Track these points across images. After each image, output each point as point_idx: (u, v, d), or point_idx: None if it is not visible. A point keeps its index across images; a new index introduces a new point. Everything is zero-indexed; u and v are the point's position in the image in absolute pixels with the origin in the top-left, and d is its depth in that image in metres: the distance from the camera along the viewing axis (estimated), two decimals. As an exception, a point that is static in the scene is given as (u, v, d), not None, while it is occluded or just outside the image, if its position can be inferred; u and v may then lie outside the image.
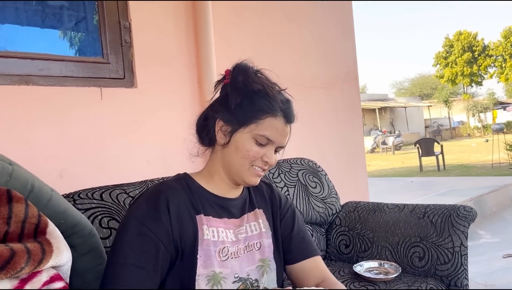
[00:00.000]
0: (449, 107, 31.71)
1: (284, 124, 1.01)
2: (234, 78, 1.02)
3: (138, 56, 1.84)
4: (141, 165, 1.82)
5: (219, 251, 0.99)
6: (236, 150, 1.00)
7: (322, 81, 2.76)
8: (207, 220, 1.00)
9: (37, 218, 0.83)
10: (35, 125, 1.54)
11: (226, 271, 0.98)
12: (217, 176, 1.05)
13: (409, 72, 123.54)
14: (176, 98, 1.97)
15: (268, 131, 0.99)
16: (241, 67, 1.02)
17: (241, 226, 1.06)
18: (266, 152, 1.01)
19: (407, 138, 21.97)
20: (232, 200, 1.07)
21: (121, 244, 0.92)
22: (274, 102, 1.00)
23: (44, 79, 1.58)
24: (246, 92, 1.00)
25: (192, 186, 1.03)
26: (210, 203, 1.03)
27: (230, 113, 1.01)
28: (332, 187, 2.08)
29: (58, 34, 1.69)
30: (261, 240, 1.08)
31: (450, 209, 1.72)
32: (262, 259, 1.06)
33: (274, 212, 1.15)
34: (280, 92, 1.04)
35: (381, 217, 1.88)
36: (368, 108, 25.75)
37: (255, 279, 1.04)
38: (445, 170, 9.62)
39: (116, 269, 0.89)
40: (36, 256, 0.75)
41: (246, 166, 1.00)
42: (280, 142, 1.02)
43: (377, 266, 1.75)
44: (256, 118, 0.99)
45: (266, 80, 1.02)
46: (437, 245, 1.67)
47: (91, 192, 1.32)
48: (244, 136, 1.00)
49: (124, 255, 0.89)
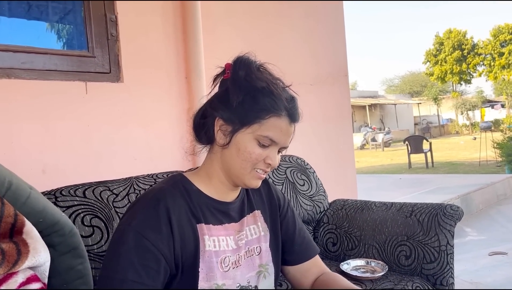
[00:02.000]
0: (438, 105, 32.01)
1: (288, 124, 0.94)
2: (235, 73, 0.93)
3: (124, 51, 1.81)
4: (127, 161, 1.80)
5: (221, 261, 0.94)
6: (238, 152, 0.93)
7: (312, 78, 2.75)
8: (208, 229, 0.94)
9: (13, 217, 0.80)
10: (17, 120, 1.50)
11: (229, 282, 0.94)
12: (216, 179, 0.98)
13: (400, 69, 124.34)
14: (163, 93, 1.94)
15: (272, 132, 0.92)
16: (243, 61, 0.95)
17: (241, 231, 1.00)
18: (269, 154, 0.93)
19: (396, 135, 22.13)
20: (231, 203, 1.01)
21: (118, 257, 0.84)
22: (279, 101, 0.92)
23: (27, 72, 1.54)
24: (249, 89, 0.92)
25: (190, 190, 0.95)
26: (209, 209, 0.96)
27: (231, 112, 0.93)
28: (320, 185, 2.07)
29: (42, 27, 1.64)
30: (260, 244, 1.04)
31: (437, 208, 1.72)
32: (262, 264, 1.03)
33: (272, 213, 1.10)
34: (285, 89, 0.97)
35: (368, 215, 1.88)
36: (358, 105, 25.89)
37: (254, 285, 1.00)
38: (434, 167, 9.70)
39: (114, 285, 0.81)
40: (11, 257, 0.72)
41: (248, 169, 0.93)
42: (284, 143, 0.95)
43: (364, 265, 1.75)
44: (259, 118, 0.91)
45: (270, 76, 0.95)
46: (424, 243, 1.67)
47: (73, 189, 1.29)
48: (246, 137, 0.92)
49: (123, 270, 0.82)
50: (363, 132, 20.86)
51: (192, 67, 1.98)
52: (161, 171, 1.59)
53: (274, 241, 1.07)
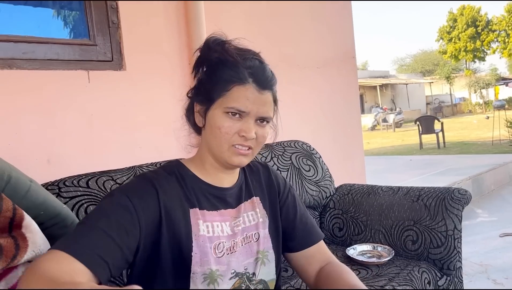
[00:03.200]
0: (450, 84, 31.50)
1: (256, 91, 0.90)
2: (197, 53, 0.96)
3: (126, 38, 1.79)
4: (131, 150, 1.79)
5: (214, 247, 0.93)
6: (211, 130, 0.92)
7: (318, 61, 2.71)
8: (202, 214, 0.93)
9: (12, 211, 0.81)
10: (20, 111, 1.51)
11: (223, 268, 0.93)
12: (207, 163, 0.97)
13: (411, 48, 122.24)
14: (166, 80, 1.92)
15: (237, 102, 0.89)
16: (204, 41, 0.94)
17: (237, 217, 0.99)
18: (241, 126, 0.90)
19: (408, 116, 21.89)
20: (228, 189, 1.00)
21: (98, 209, 0.84)
22: (238, 69, 0.90)
23: (29, 62, 1.53)
24: (208, 65, 0.94)
25: (185, 175, 0.96)
26: (205, 194, 0.96)
27: (200, 92, 0.94)
28: (326, 170, 2.06)
29: (43, 16, 1.63)
30: (258, 231, 1.02)
31: (444, 192, 1.70)
32: (260, 250, 1.01)
33: (272, 199, 1.08)
34: (250, 58, 0.92)
35: (375, 200, 1.86)
36: (369, 86, 25.59)
37: (252, 272, 0.99)
38: (445, 147, 9.59)
39: (82, 229, 0.80)
40: (8, 252, 0.73)
41: (224, 145, 0.91)
42: (257, 112, 0.91)
43: (370, 249, 1.75)
44: (223, 90, 0.90)
45: (228, 48, 0.92)
46: (431, 228, 1.66)
47: (76, 179, 1.30)
48: (215, 112, 0.91)
49: (97, 219, 0.81)
50: (374, 113, 20.67)
51: (194, 54, 1.95)
52: (165, 159, 1.59)
53: (274, 227, 1.06)
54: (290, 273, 1.64)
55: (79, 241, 0.76)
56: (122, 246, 0.79)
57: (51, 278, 0.65)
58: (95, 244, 0.76)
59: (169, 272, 0.89)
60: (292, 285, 1.52)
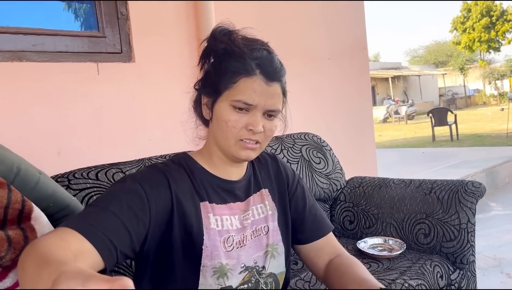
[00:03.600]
0: (464, 75, 31.05)
1: (264, 83, 0.87)
2: (204, 44, 0.94)
3: (135, 30, 1.78)
4: (141, 142, 1.80)
5: (224, 241, 0.92)
6: (217, 123, 0.90)
7: (329, 52, 2.68)
8: (212, 208, 0.92)
9: (20, 203, 0.81)
10: (30, 103, 1.51)
11: (233, 261, 0.92)
12: (215, 156, 0.96)
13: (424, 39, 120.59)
14: (175, 72, 1.92)
15: (244, 94, 0.86)
16: (211, 31, 0.92)
17: (247, 211, 0.98)
18: (248, 119, 0.87)
19: (420, 108, 21.65)
20: (236, 182, 0.98)
21: (110, 193, 0.82)
22: (244, 60, 0.87)
23: (38, 55, 1.53)
24: (214, 56, 0.92)
25: (194, 168, 0.94)
26: (213, 187, 0.94)
27: (207, 84, 0.92)
28: (337, 162, 2.03)
29: (51, 8, 1.62)
30: (268, 224, 1.01)
31: (457, 185, 1.67)
32: (270, 243, 0.99)
33: (281, 190, 1.07)
34: (258, 49, 0.89)
35: (386, 192, 1.84)
36: (381, 77, 25.34)
37: (262, 266, 0.97)
38: (458, 139, 9.47)
39: (93, 210, 0.78)
40: (17, 244, 0.73)
41: (230, 139, 0.89)
42: (264, 105, 0.88)
43: (381, 243, 1.73)
44: (230, 82, 0.87)
45: (235, 38, 0.89)
46: (443, 222, 1.63)
47: (86, 171, 1.30)
48: (222, 105, 0.89)
49: (109, 202, 0.79)
50: (385, 105, 20.48)
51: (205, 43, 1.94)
52: (174, 151, 1.58)
53: (283, 219, 1.04)
54: (300, 265, 1.63)
55: (90, 221, 0.73)
56: (131, 232, 0.77)
57: (45, 254, 0.61)
58: (106, 226, 0.74)
59: (179, 265, 0.88)
60: (302, 278, 1.51)
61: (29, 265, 0.60)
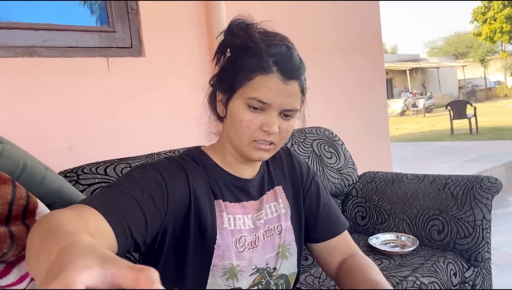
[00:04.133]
0: (485, 67, 30.36)
1: (281, 81, 0.82)
2: (220, 37, 0.90)
3: (145, 24, 1.77)
4: (151, 136, 1.80)
5: (236, 241, 0.89)
6: (231, 122, 0.86)
7: (343, 45, 2.63)
8: (225, 206, 0.89)
9: (25, 199, 0.81)
10: (42, 99, 1.52)
11: (244, 263, 0.89)
12: (228, 153, 0.92)
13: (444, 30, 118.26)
14: (186, 66, 1.91)
15: (259, 92, 0.82)
16: (228, 24, 0.87)
17: (260, 210, 0.95)
18: (263, 119, 0.83)
19: (439, 100, 21.28)
20: (250, 181, 0.95)
21: (129, 178, 0.78)
22: (261, 57, 0.82)
23: (49, 50, 1.54)
24: (230, 51, 0.88)
25: (208, 164, 0.91)
26: (227, 185, 0.92)
27: (222, 80, 0.88)
28: (349, 157, 2.01)
29: (61, 3, 1.63)
30: (281, 223, 0.97)
31: (472, 181, 1.63)
32: (283, 243, 0.96)
33: (295, 187, 1.03)
34: (276, 44, 0.84)
35: (399, 188, 1.81)
36: (398, 70, 24.97)
37: (273, 267, 0.94)
38: (478, 133, 9.28)
39: (114, 192, 0.74)
40: (20, 240, 0.73)
41: (244, 140, 0.85)
42: (280, 104, 0.83)
43: (393, 239, 1.70)
44: (245, 79, 0.83)
45: (252, 33, 0.84)
46: (458, 218, 1.59)
47: (95, 166, 1.30)
48: (236, 103, 0.85)
49: (130, 187, 0.75)
50: (403, 98, 20.19)
51: (214, 38, 1.92)
52: (184, 146, 1.58)
53: (296, 218, 1.01)
54: (310, 261, 1.62)
55: (111, 203, 0.69)
56: (149, 222, 0.74)
57: (55, 225, 0.53)
58: (127, 211, 0.70)
59: (189, 263, 0.86)
60: (312, 273, 1.50)
61: (36, 235, 0.54)
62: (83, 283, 0.34)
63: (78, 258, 0.37)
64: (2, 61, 1.43)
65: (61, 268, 0.35)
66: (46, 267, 0.40)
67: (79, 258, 0.37)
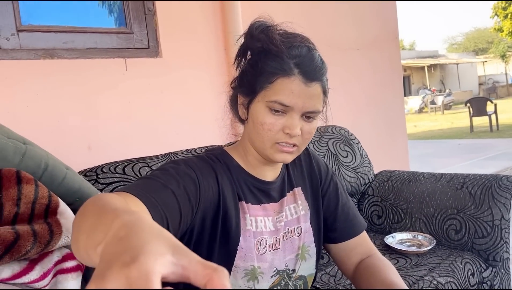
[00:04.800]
0: (506, 63, 29.69)
1: (302, 83, 0.82)
2: (241, 40, 0.89)
3: (162, 25, 1.80)
4: (169, 136, 1.82)
5: (257, 243, 0.89)
6: (253, 124, 0.86)
7: (359, 43, 2.62)
8: (248, 208, 0.90)
9: (47, 198, 0.84)
10: (62, 99, 1.56)
11: (265, 265, 0.89)
12: (250, 155, 0.92)
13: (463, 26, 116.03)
14: (202, 66, 1.93)
15: (281, 95, 0.81)
16: (248, 27, 0.87)
17: (280, 212, 0.94)
18: (285, 122, 0.83)
19: (458, 97, 20.93)
20: (272, 183, 0.95)
21: (165, 172, 0.77)
22: (282, 60, 0.82)
23: (69, 52, 1.58)
24: (251, 54, 0.88)
25: (231, 165, 0.91)
26: (249, 187, 0.92)
27: (243, 83, 0.88)
28: (365, 156, 2.00)
29: (81, 5, 1.66)
30: (300, 225, 0.97)
31: (491, 180, 1.61)
32: (302, 245, 0.96)
33: (313, 188, 1.02)
34: (297, 46, 0.84)
35: (416, 187, 1.79)
36: (417, 66, 24.64)
37: (292, 269, 0.95)
38: (499, 130, 9.10)
39: (153, 183, 0.73)
40: (42, 238, 0.76)
41: (266, 142, 0.85)
42: (302, 106, 0.82)
43: (410, 238, 1.69)
44: (266, 82, 0.82)
45: (272, 35, 0.83)
46: (475, 217, 1.58)
47: (113, 165, 1.33)
48: (258, 106, 0.84)
49: (167, 180, 0.74)
50: (421, 95, 19.91)
51: (230, 39, 1.94)
52: (200, 146, 1.60)
53: (315, 219, 1.01)
54: (325, 260, 1.62)
55: (151, 194, 0.69)
56: (182, 217, 0.74)
57: (108, 204, 0.51)
58: (165, 203, 0.70)
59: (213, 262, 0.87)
60: (327, 272, 1.50)
61: (87, 213, 0.52)
62: (160, 272, 0.32)
63: (151, 241, 0.35)
64: (24, 63, 1.47)
65: (135, 249, 0.34)
66: (103, 240, 0.40)
67: (152, 242, 0.35)
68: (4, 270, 0.72)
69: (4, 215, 0.78)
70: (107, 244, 0.38)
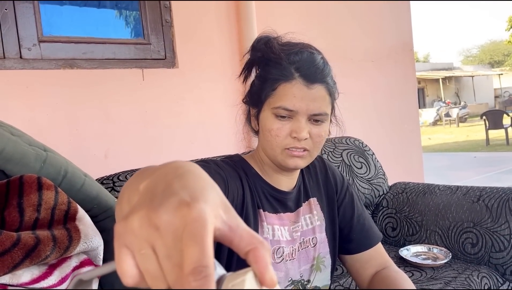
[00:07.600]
0: (523, 75, 29.29)
1: (304, 86, 0.83)
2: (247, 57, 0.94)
3: (178, 36, 1.83)
4: (184, 145, 1.84)
5: (273, 251, 0.89)
6: (263, 133, 0.88)
7: (373, 55, 2.62)
8: (265, 216, 0.90)
9: (66, 204, 0.85)
10: (81, 108, 1.59)
11: (280, 274, 0.89)
12: (265, 164, 0.94)
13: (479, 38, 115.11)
14: (218, 77, 1.95)
15: (284, 100, 0.83)
16: (254, 41, 0.92)
17: (296, 222, 0.95)
18: (292, 126, 0.84)
19: (474, 110, 20.69)
20: (288, 193, 0.96)
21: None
22: (281, 66, 0.84)
23: (88, 62, 1.61)
24: (255, 66, 0.92)
25: (250, 173, 0.92)
26: (266, 196, 0.92)
27: (251, 95, 0.92)
28: (379, 167, 1.99)
29: (100, 16, 1.71)
30: (315, 235, 0.97)
31: (508, 193, 1.59)
32: (317, 256, 0.97)
33: (329, 199, 1.03)
34: (297, 52, 0.86)
35: (431, 199, 1.77)
36: (431, 79, 24.46)
37: (307, 279, 0.95)
38: (515, 144, 8.96)
39: None
40: (62, 243, 0.77)
41: (276, 149, 0.86)
42: (307, 109, 0.83)
43: (425, 251, 1.67)
44: (269, 90, 0.85)
45: (272, 45, 0.86)
46: (492, 231, 1.55)
47: (130, 174, 1.35)
48: (265, 114, 0.87)
49: None
50: (436, 107, 19.74)
51: (246, 49, 1.95)
52: (216, 155, 1.61)
53: (331, 229, 1.00)
54: (339, 271, 1.61)
55: None
56: None
57: None
58: None
59: (230, 269, 0.87)
60: (341, 284, 1.49)
61: (133, 177, 0.44)
62: (213, 224, 0.29)
63: (208, 189, 0.32)
64: (45, 73, 1.51)
65: (196, 191, 0.31)
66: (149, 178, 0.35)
67: (210, 190, 0.32)
68: (23, 274, 0.74)
69: (25, 220, 0.80)
70: (158, 177, 0.34)
